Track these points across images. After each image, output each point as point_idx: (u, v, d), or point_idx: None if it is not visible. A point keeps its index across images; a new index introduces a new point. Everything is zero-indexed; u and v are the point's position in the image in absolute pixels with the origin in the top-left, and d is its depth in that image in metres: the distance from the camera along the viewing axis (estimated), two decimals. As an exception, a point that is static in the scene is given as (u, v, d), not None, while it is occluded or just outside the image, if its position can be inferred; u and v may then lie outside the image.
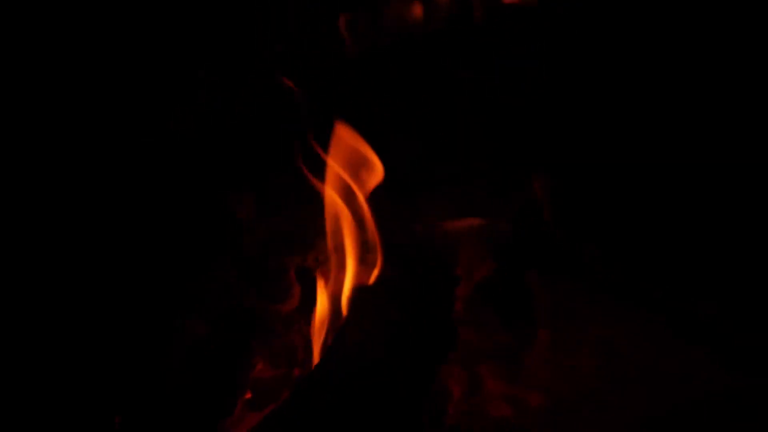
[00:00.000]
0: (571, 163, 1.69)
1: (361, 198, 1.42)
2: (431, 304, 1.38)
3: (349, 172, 1.41)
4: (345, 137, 1.40)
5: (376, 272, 1.43)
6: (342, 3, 1.60)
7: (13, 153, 1.50)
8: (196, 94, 1.56)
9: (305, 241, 1.53)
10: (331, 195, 1.42)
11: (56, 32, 1.52)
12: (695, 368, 1.67)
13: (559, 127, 1.66)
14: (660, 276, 1.75)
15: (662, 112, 1.69)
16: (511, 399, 1.63)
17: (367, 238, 1.43)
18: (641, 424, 1.57)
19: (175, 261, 1.50)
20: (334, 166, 1.41)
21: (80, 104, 1.52)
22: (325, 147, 1.40)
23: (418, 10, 1.63)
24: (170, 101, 1.54)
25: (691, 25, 1.66)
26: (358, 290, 1.39)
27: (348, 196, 1.43)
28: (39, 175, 1.51)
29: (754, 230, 1.67)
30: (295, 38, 1.55)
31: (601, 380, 1.69)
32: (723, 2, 1.64)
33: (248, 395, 1.46)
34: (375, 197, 1.44)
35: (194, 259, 1.47)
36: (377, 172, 1.42)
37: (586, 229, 1.71)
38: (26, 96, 1.52)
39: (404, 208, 1.55)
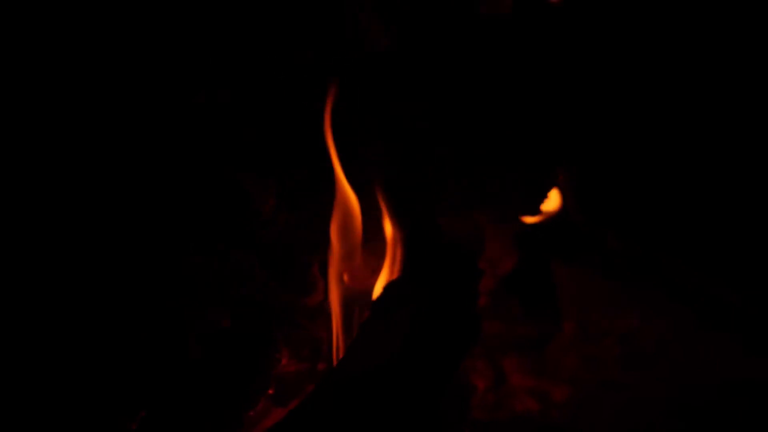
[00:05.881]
0: (594, 153, 1.68)
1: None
2: (455, 298, 1.37)
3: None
4: None
5: (398, 266, 1.43)
6: None
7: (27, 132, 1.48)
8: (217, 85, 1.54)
9: (329, 236, 1.52)
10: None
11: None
12: (719, 356, 1.67)
13: (582, 118, 1.65)
14: (683, 265, 1.74)
15: (684, 100, 1.67)
16: (536, 392, 1.62)
17: (389, 232, 1.43)
18: (665, 413, 1.56)
19: (198, 252, 1.49)
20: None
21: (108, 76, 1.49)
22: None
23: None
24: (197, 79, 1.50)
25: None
26: (383, 285, 1.39)
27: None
28: (58, 155, 1.49)
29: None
30: (326, 29, 1.53)
31: (626, 370, 1.68)
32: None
33: (272, 390, 1.46)
34: (397, 191, 1.43)
35: (218, 251, 1.46)
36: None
37: (609, 220, 1.70)
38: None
39: (428, 201, 1.54)
